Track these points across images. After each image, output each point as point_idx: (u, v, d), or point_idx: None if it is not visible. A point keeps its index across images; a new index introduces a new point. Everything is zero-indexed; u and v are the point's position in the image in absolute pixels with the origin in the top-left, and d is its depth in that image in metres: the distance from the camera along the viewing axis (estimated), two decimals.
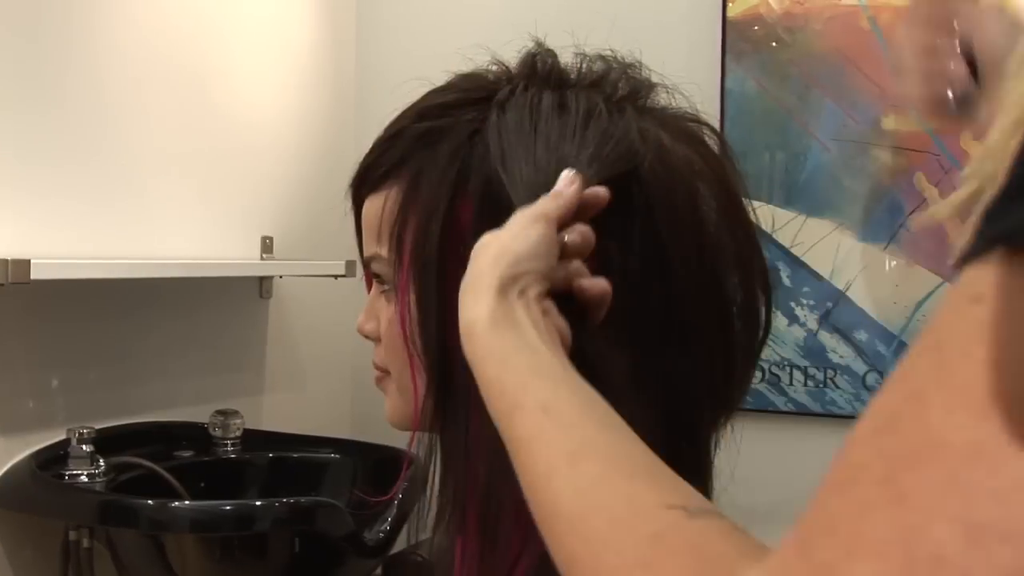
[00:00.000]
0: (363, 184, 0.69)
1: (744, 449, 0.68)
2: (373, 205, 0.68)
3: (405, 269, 0.64)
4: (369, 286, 0.73)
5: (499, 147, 0.62)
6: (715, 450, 0.67)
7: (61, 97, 1.63)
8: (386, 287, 0.68)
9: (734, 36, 2.03)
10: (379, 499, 1.58)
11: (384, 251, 0.66)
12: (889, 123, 1.92)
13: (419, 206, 0.63)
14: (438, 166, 0.63)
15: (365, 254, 0.69)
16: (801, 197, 1.98)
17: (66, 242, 1.63)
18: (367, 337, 0.71)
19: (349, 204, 0.72)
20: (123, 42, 1.75)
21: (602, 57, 0.69)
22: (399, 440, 0.72)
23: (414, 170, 0.65)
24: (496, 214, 0.60)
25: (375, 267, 0.68)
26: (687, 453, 0.66)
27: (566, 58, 0.69)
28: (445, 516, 0.64)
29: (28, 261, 1.37)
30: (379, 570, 1.81)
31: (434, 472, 0.65)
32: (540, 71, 0.67)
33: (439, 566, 0.66)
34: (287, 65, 2.20)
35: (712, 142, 0.68)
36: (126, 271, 1.65)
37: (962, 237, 0.31)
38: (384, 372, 0.70)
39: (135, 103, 1.77)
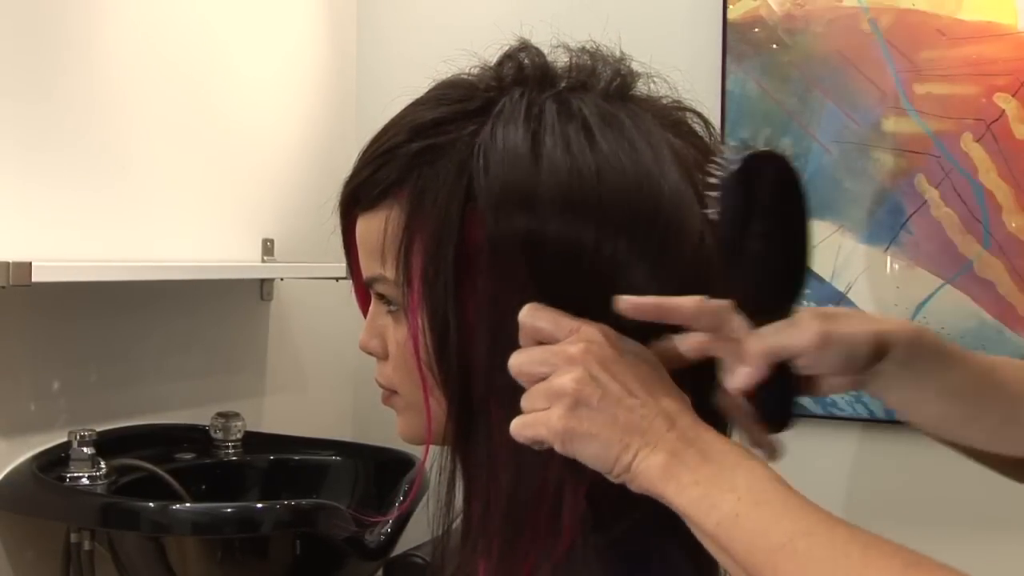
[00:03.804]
0: (356, 203, 0.68)
1: None
2: (371, 225, 0.66)
3: (416, 290, 0.63)
4: (361, 303, 0.73)
5: (507, 163, 0.61)
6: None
7: (62, 99, 1.63)
8: (392, 307, 0.67)
9: (735, 38, 2.03)
10: (377, 518, 1.58)
11: (389, 272, 0.65)
12: (890, 125, 1.92)
13: (426, 226, 0.62)
14: (443, 184, 0.62)
15: (366, 275, 0.68)
16: None
17: (67, 244, 1.63)
18: (371, 354, 0.70)
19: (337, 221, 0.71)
20: (124, 46, 1.75)
21: (586, 50, 0.68)
22: (401, 443, 0.72)
23: (416, 189, 0.63)
24: (507, 231, 0.60)
25: (379, 288, 0.67)
26: None
27: (547, 49, 0.68)
28: (471, 537, 0.64)
29: (29, 264, 1.37)
30: (380, 572, 1.81)
31: (449, 486, 0.65)
32: (532, 74, 0.66)
33: None
34: (288, 67, 2.20)
35: (698, 127, 0.68)
36: (127, 274, 1.65)
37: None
38: (390, 391, 0.69)
39: (137, 106, 1.77)
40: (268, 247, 2.10)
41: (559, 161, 0.60)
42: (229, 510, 1.51)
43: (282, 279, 2.16)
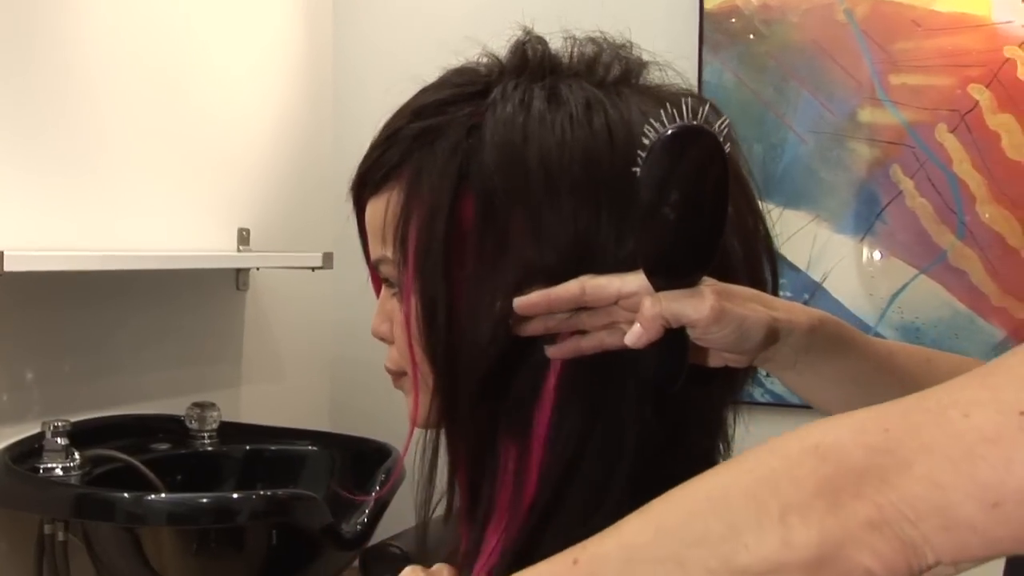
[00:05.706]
0: (364, 187, 0.68)
1: None
2: (376, 208, 0.67)
3: (410, 269, 0.63)
4: (377, 289, 0.73)
5: (497, 143, 0.61)
6: (731, 440, 0.67)
7: (35, 88, 1.61)
8: (395, 289, 0.67)
9: (711, 28, 2.03)
10: (364, 496, 1.58)
11: (390, 253, 0.66)
12: (865, 115, 1.93)
13: (421, 205, 0.63)
14: (438, 164, 0.62)
15: (372, 257, 0.69)
16: (778, 189, 1.99)
17: (40, 234, 1.62)
18: (382, 339, 0.71)
19: (351, 205, 0.70)
20: (99, 35, 1.73)
21: (592, 40, 0.68)
22: (377, 432, 0.72)
23: (414, 169, 0.64)
24: (498, 211, 0.60)
25: (383, 269, 0.68)
26: (695, 439, 0.66)
27: (556, 42, 0.68)
28: (479, 512, 0.65)
29: (1, 253, 1.36)
30: (356, 562, 1.81)
31: (431, 466, 0.66)
32: (532, 60, 0.66)
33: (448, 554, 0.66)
34: (264, 57, 2.18)
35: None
36: (101, 263, 1.64)
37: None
38: (400, 374, 0.69)
39: (111, 95, 1.76)
40: (244, 236, 2.09)
41: (546, 142, 0.61)
42: (205, 500, 1.50)
43: (258, 268, 2.15)
